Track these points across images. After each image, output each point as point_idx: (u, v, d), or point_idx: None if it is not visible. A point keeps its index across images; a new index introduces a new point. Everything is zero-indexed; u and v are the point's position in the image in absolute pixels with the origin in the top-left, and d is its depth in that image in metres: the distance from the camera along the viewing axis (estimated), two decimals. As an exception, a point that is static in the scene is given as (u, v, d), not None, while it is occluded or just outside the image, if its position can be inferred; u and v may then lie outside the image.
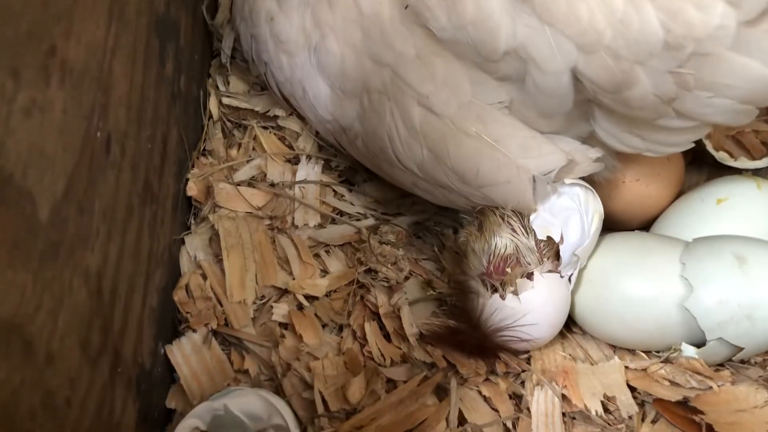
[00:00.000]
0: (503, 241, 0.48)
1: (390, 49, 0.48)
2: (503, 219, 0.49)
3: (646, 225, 0.57)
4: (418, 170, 0.50)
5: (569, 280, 0.50)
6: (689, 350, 0.49)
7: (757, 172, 0.58)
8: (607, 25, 0.41)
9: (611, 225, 0.54)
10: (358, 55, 0.50)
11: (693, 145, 0.48)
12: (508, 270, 0.48)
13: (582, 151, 0.49)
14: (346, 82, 0.52)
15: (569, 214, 0.49)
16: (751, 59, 0.40)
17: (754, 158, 0.60)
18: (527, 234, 0.48)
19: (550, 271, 0.49)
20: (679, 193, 0.56)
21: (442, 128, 0.48)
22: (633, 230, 0.55)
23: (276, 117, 0.60)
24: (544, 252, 0.49)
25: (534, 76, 0.44)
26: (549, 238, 0.49)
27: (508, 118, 0.47)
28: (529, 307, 0.48)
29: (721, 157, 0.59)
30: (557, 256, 0.49)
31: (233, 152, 0.59)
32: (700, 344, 0.48)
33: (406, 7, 0.47)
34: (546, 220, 0.49)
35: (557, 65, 0.43)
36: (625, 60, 0.41)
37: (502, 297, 0.48)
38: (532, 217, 0.49)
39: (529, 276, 0.48)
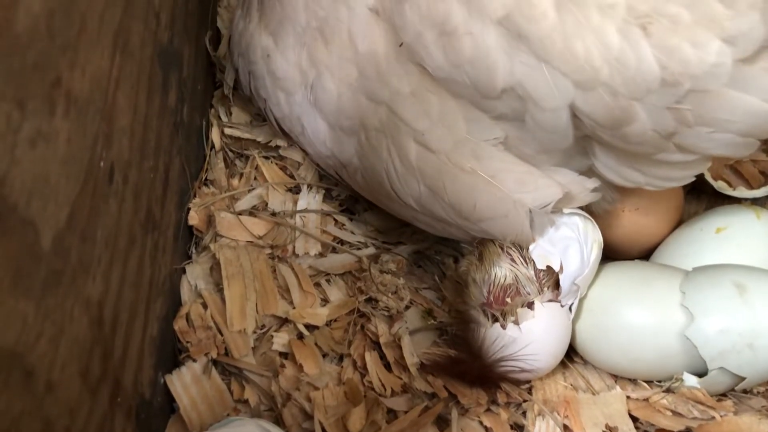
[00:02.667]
0: (503, 271, 0.48)
1: (385, 86, 0.49)
2: (503, 249, 0.49)
3: (645, 254, 0.57)
4: (416, 205, 0.50)
5: (570, 309, 0.50)
6: (691, 380, 0.48)
7: (755, 202, 0.59)
8: (604, 62, 0.41)
9: (611, 254, 0.54)
10: (354, 92, 0.51)
11: (694, 179, 0.48)
12: (508, 300, 0.48)
13: (579, 182, 0.49)
14: (343, 120, 0.52)
15: (568, 243, 0.49)
16: (749, 95, 0.40)
17: (752, 188, 0.60)
18: (527, 264, 0.48)
19: (550, 301, 0.49)
20: (679, 223, 0.56)
21: (438, 164, 0.48)
22: (633, 259, 0.55)
23: (278, 147, 0.60)
24: (543, 281, 0.49)
25: (533, 113, 0.45)
26: (548, 267, 0.49)
27: (504, 153, 0.48)
28: (530, 337, 0.48)
29: (720, 186, 0.59)
30: (557, 285, 0.49)
31: (235, 182, 0.59)
32: (701, 374, 0.48)
33: (400, 45, 0.48)
34: (545, 250, 0.49)
35: (555, 102, 0.44)
36: (622, 97, 0.42)
37: (503, 326, 0.48)
38: (531, 247, 0.49)
39: (530, 305, 0.48)
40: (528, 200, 0.48)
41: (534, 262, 0.49)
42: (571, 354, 0.52)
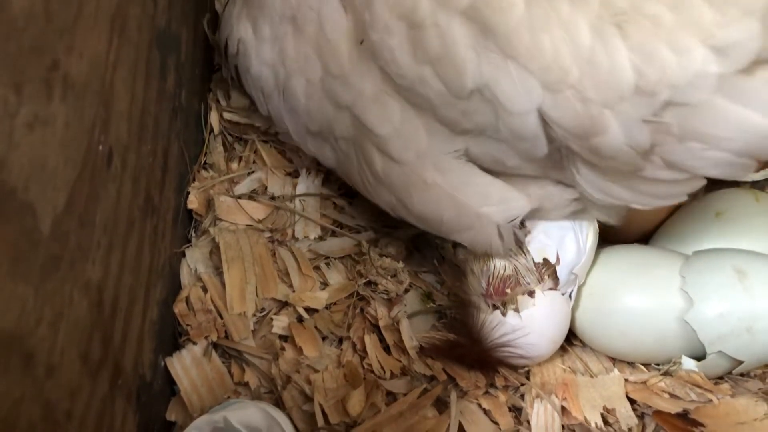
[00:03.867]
0: (501, 262, 0.48)
1: (348, 87, 0.46)
2: None
3: (644, 238, 0.57)
4: (392, 212, 0.49)
5: (570, 296, 0.50)
6: (689, 363, 0.49)
7: (755, 185, 0.59)
8: (573, 61, 0.38)
9: (609, 237, 0.54)
10: (320, 97, 0.48)
11: (686, 197, 0.44)
12: (508, 291, 0.48)
13: (558, 193, 0.47)
14: (313, 126, 0.50)
15: (564, 233, 0.49)
16: (748, 109, 0.37)
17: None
18: (525, 254, 0.48)
19: (550, 289, 0.49)
20: (678, 206, 0.56)
21: (402, 176, 0.46)
22: (631, 243, 0.55)
23: (276, 132, 0.60)
24: (542, 273, 0.49)
25: (502, 117, 0.41)
26: (545, 260, 0.49)
27: (466, 166, 0.46)
28: (530, 325, 0.48)
29: (720, 169, 0.59)
30: (555, 277, 0.49)
31: (234, 165, 0.59)
32: (700, 357, 0.48)
33: (361, 42, 0.45)
34: (541, 242, 0.49)
35: (522, 105, 0.40)
36: (592, 103, 0.38)
37: (503, 314, 0.48)
38: (527, 240, 0.49)
39: (531, 294, 0.48)
40: (493, 213, 0.46)
41: (531, 255, 0.49)
42: (570, 337, 0.52)
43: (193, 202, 0.55)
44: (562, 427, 0.47)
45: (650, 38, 0.37)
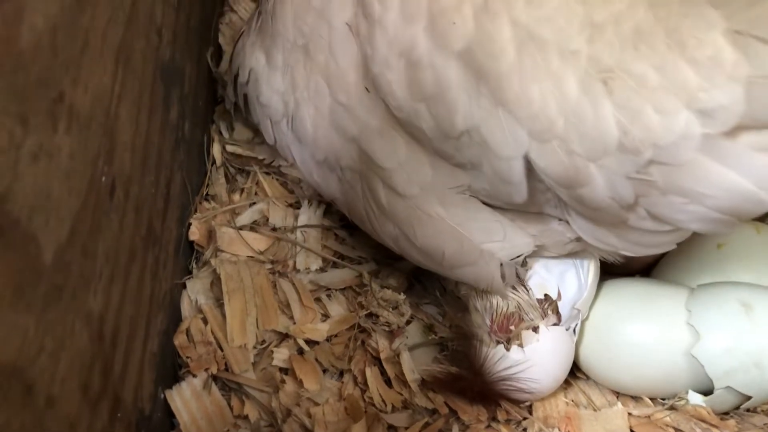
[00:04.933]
0: (504, 299, 0.48)
1: (355, 119, 0.47)
2: None
3: (646, 269, 0.57)
4: (395, 246, 0.49)
5: (573, 331, 0.49)
6: (696, 398, 0.48)
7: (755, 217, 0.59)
8: (559, 113, 0.39)
9: (612, 270, 0.54)
10: (327, 126, 0.49)
11: (674, 246, 0.45)
12: (512, 328, 0.48)
13: (560, 230, 0.47)
14: (320, 155, 0.51)
15: (564, 268, 0.49)
16: (730, 170, 0.37)
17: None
18: (527, 290, 0.48)
19: (554, 324, 0.48)
20: (679, 238, 0.56)
21: (406, 209, 0.46)
22: (633, 275, 0.55)
23: (279, 165, 0.60)
24: (544, 309, 0.48)
25: (489, 160, 0.42)
26: (546, 296, 0.48)
27: (470, 201, 0.46)
28: (533, 360, 0.48)
29: (720, 202, 0.59)
30: (557, 312, 0.48)
31: (236, 197, 0.59)
32: (707, 392, 0.48)
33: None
34: (542, 277, 0.49)
35: (509, 150, 0.41)
36: (577, 155, 0.39)
37: (507, 349, 0.48)
38: (527, 275, 0.49)
39: (535, 329, 0.48)
40: (497, 250, 0.46)
41: (531, 291, 0.48)
42: (573, 370, 0.52)
43: (195, 233, 0.55)
44: (566, 461, 0.47)
45: (635, 97, 0.37)
